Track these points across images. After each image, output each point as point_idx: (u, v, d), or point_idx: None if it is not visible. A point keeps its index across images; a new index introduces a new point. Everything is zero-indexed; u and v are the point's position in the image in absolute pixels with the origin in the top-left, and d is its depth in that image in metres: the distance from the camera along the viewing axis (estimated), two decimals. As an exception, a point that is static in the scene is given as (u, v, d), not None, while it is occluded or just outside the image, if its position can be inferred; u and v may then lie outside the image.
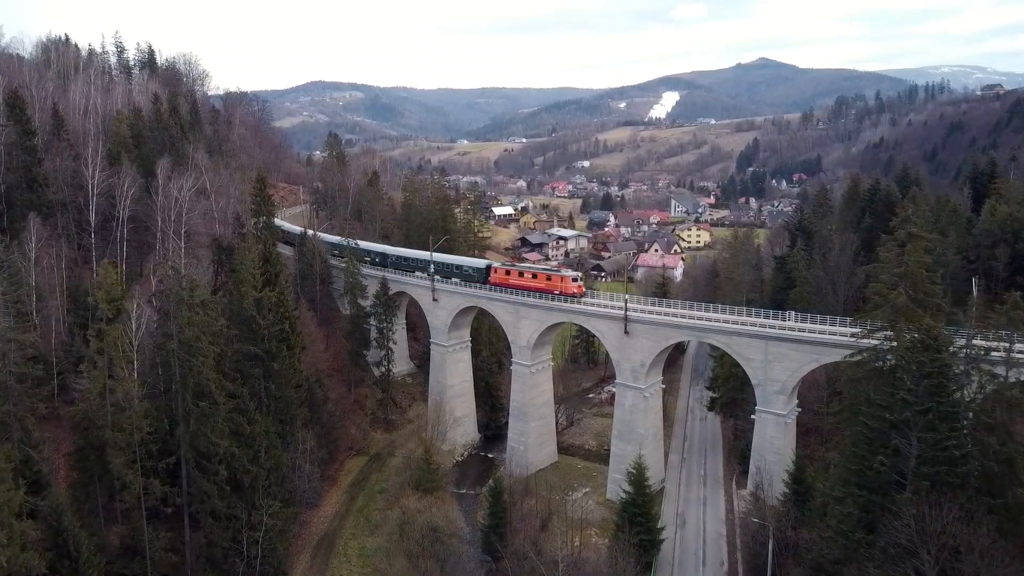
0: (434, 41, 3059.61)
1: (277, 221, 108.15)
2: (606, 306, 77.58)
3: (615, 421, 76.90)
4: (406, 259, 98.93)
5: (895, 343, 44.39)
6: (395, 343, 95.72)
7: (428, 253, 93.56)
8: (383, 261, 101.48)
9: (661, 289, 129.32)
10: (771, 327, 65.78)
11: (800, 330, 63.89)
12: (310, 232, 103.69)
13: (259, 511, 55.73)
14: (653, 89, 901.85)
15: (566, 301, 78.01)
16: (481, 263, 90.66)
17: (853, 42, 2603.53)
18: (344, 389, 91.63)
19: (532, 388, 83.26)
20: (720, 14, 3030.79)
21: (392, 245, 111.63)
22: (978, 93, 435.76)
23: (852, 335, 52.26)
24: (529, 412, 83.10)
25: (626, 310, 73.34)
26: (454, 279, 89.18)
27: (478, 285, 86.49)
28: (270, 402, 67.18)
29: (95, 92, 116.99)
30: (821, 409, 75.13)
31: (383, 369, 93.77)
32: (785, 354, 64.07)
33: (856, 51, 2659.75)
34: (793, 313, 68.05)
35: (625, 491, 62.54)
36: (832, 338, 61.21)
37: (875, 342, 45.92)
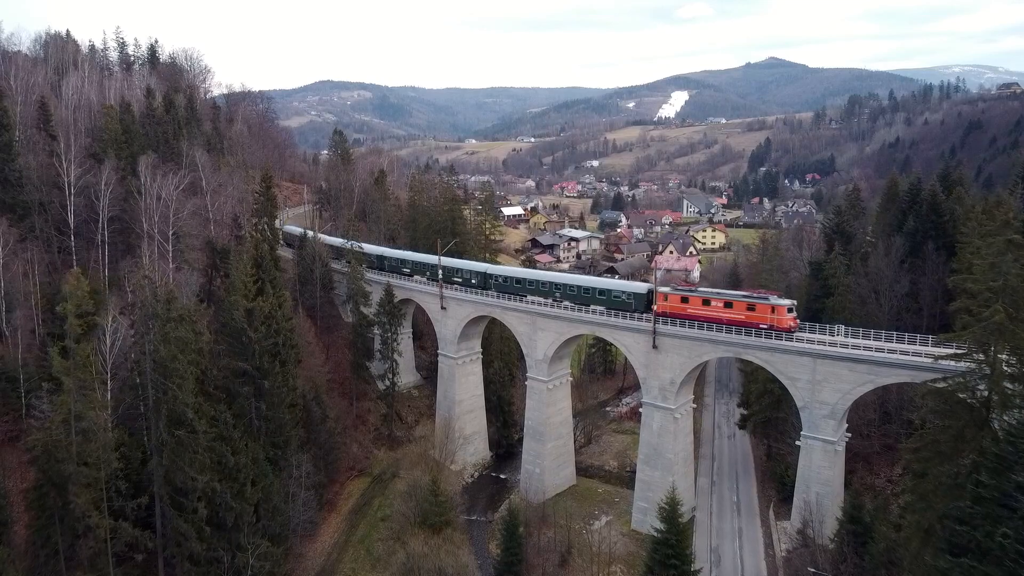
0: (442, 40, 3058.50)
1: (276, 223, 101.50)
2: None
3: (641, 444, 70.03)
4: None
5: (990, 370, 37.51)
6: (400, 354, 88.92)
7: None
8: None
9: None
10: (820, 343, 58.75)
11: (854, 347, 56.87)
12: (310, 234, 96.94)
13: (245, 552, 49.37)
14: (662, 88, 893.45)
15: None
16: (640, 287, 71.88)
17: (863, 41, 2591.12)
18: (345, 403, 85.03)
19: (549, 405, 76.50)
20: (728, 12, 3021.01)
21: (395, 247, 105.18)
22: (994, 92, 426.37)
23: (935, 358, 44.90)
24: (545, 432, 76.34)
25: (655, 322, 66.54)
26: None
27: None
28: (261, 424, 60.61)
29: (88, 87, 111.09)
30: (872, 432, 68.93)
31: (387, 383, 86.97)
32: (836, 374, 57.14)
33: (866, 50, 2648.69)
34: (842, 327, 61.00)
35: (656, 529, 55.55)
36: (892, 357, 54.32)
37: (965, 366, 38.83)
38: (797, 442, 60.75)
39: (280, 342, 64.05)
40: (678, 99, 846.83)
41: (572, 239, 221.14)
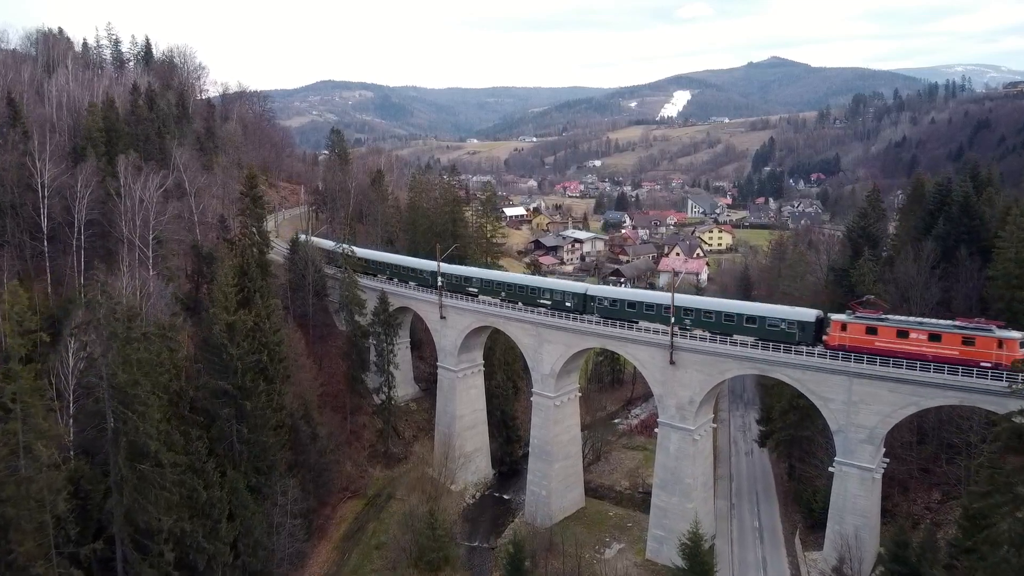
0: (443, 40, 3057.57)
1: (269, 224, 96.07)
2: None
3: (657, 467, 64.66)
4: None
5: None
6: (397, 366, 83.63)
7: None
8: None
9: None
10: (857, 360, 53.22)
11: (895, 365, 51.43)
12: (302, 237, 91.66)
13: (219, 598, 44.16)
14: (664, 88, 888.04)
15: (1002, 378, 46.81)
16: (808, 314, 57.37)
17: (864, 41, 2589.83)
18: (339, 418, 79.60)
19: (556, 423, 71.20)
20: (728, 12, 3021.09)
21: (395, 252, 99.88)
22: (1001, 91, 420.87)
23: (1012, 384, 39.62)
24: (552, 451, 71.04)
25: (672, 335, 61.25)
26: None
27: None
28: (243, 448, 55.41)
29: (74, 84, 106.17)
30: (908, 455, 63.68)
31: (383, 396, 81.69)
32: (876, 395, 51.78)
33: (867, 50, 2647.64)
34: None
35: (677, 565, 50.42)
36: (940, 376, 48.93)
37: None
38: (830, 468, 55.33)
39: (266, 357, 58.92)
40: (680, 99, 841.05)
41: (576, 241, 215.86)
